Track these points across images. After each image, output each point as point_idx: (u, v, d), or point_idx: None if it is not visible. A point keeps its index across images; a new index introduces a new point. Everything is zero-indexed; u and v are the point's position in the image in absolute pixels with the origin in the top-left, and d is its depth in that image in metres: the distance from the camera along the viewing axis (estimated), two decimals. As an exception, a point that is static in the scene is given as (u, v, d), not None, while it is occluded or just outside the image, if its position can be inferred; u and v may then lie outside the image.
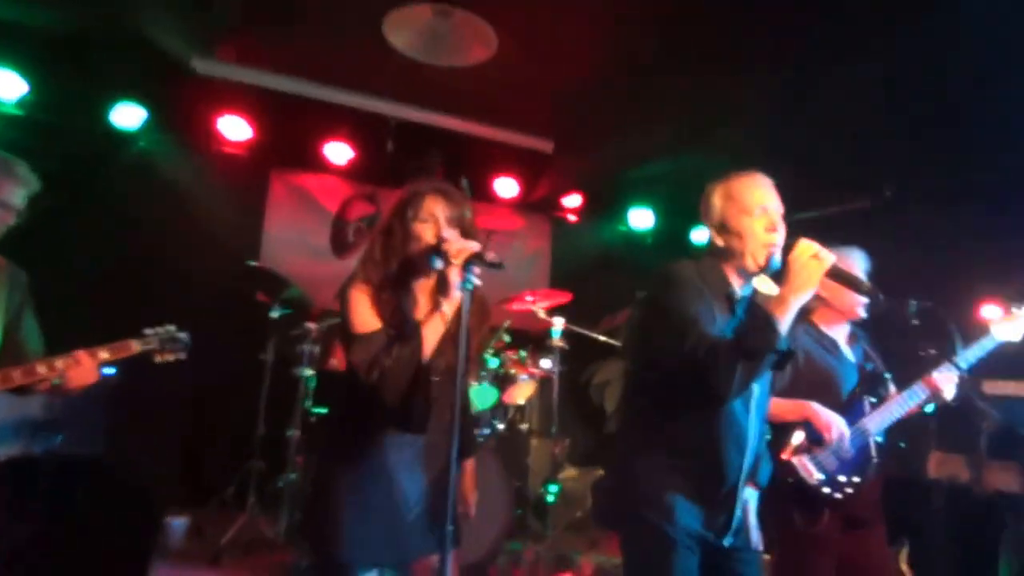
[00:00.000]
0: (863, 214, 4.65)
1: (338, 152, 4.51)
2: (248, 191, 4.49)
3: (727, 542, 1.75)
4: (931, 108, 3.62)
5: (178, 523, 3.20)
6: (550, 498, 3.79)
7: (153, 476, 3.61)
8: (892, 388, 2.53)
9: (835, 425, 2.27)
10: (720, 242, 1.82)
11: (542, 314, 3.90)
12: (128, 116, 3.97)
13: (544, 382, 3.97)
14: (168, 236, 4.11)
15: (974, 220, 3.91)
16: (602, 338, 4.01)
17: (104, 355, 2.02)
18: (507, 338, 3.75)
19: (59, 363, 1.96)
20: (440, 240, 1.71)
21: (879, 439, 2.43)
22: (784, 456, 2.31)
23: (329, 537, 1.67)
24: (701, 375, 1.62)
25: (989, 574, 2.39)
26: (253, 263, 3.70)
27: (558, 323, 3.83)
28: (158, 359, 2.14)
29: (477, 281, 1.62)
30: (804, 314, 2.65)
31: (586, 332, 4.00)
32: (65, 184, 3.73)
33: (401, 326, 1.70)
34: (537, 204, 5.28)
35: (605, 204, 5.40)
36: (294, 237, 4.57)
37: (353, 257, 4.56)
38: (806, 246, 1.68)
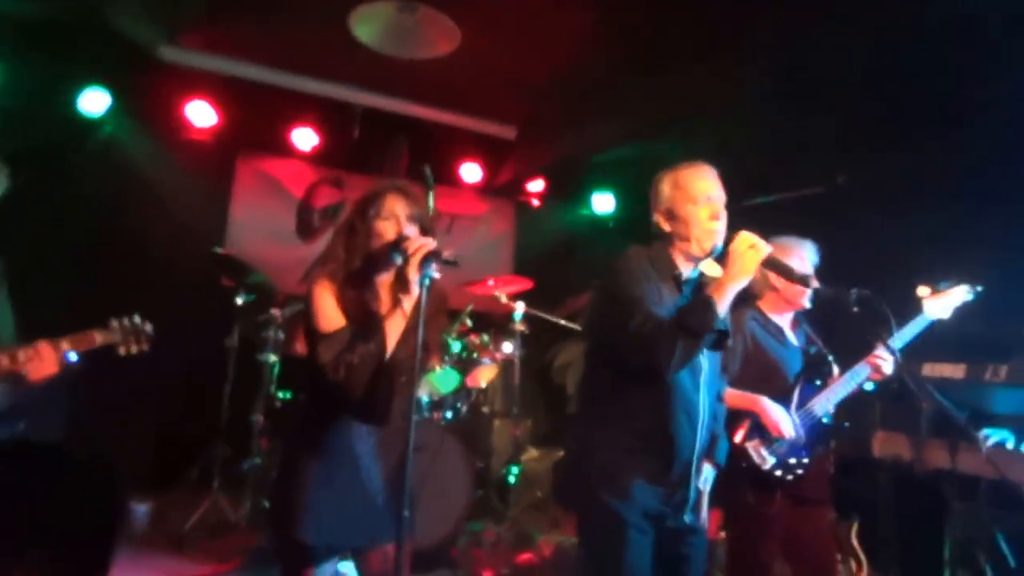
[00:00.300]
0: (816, 200, 4.79)
1: (304, 138, 4.53)
2: (214, 177, 4.50)
3: (687, 518, 1.86)
4: (883, 98, 3.75)
5: (142, 508, 3.25)
6: (512, 479, 3.92)
7: (117, 461, 3.65)
8: (835, 370, 2.67)
9: (783, 423, 2.41)
10: (668, 228, 1.93)
11: (504, 299, 3.99)
12: (94, 102, 3.96)
13: (506, 365, 4.07)
14: (134, 222, 4.12)
15: (925, 207, 4.07)
16: (562, 322, 4.11)
17: (66, 346, 2.02)
18: (469, 322, 3.83)
19: (21, 355, 1.97)
20: (401, 238, 1.78)
21: (826, 420, 2.56)
22: (737, 441, 2.44)
23: (293, 521, 1.72)
24: (646, 350, 1.74)
25: (933, 548, 2.55)
26: (218, 249, 3.72)
27: (519, 307, 3.94)
28: (122, 351, 2.14)
29: (436, 275, 1.69)
30: (752, 301, 2.80)
31: (546, 316, 4.10)
32: (32, 170, 3.73)
33: (364, 321, 1.76)
34: (501, 189, 5.35)
35: (568, 189, 5.48)
36: (260, 222, 4.59)
37: (319, 242, 4.60)
38: (744, 237, 1.82)
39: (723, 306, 1.77)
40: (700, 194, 1.90)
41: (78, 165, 3.97)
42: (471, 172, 5.09)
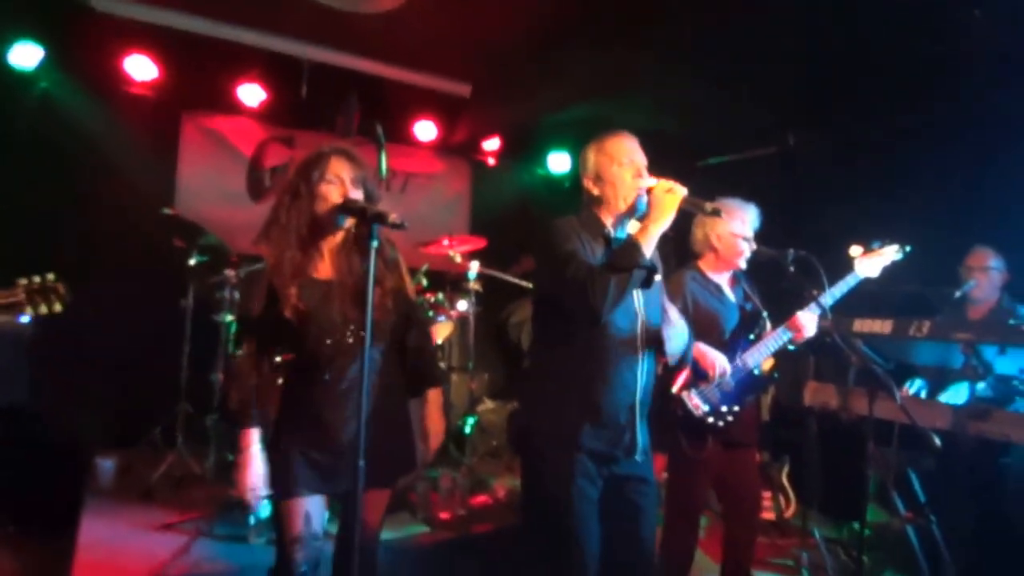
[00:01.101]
0: (768, 161, 4.95)
1: (251, 94, 4.41)
2: (159, 135, 4.36)
3: (639, 458, 1.99)
4: (835, 61, 3.85)
5: (107, 463, 3.30)
6: (468, 429, 4.08)
7: (81, 420, 3.68)
8: (768, 326, 2.86)
9: (718, 363, 2.58)
10: (596, 191, 2.08)
11: (458, 258, 4.07)
12: (25, 56, 3.77)
13: (462, 322, 4.18)
14: (79, 183, 4.00)
15: (870, 169, 4.26)
16: (517, 280, 4.22)
17: None
18: (425, 281, 3.90)
19: None
20: (346, 201, 1.81)
21: (756, 372, 2.76)
22: (674, 391, 2.62)
23: (276, 478, 1.79)
24: (582, 292, 1.86)
25: (856, 485, 2.81)
26: (167, 210, 3.68)
27: (474, 266, 4.02)
28: (28, 312, 1.91)
29: (387, 238, 1.75)
30: (693, 261, 2.95)
31: (500, 274, 4.20)
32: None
33: (286, 295, 1.79)
34: (457, 148, 5.33)
35: (524, 148, 5.51)
36: (209, 182, 4.50)
37: (270, 202, 4.56)
38: (662, 183, 2.00)
39: (648, 246, 1.93)
40: (623, 156, 2.06)
41: (13, 123, 3.81)
42: (426, 130, 5.05)
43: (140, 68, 4.11)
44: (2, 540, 3.03)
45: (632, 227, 2.14)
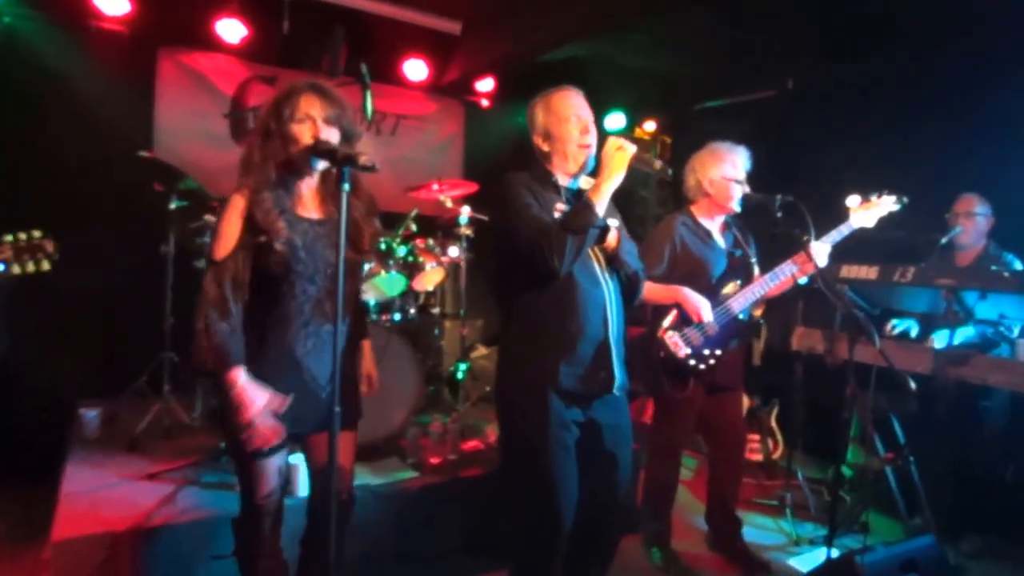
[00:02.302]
0: (766, 105, 4.82)
1: (230, 30, 4.20)
2: (134, 74, 4.16)
3: (617, 391, 2.04)
4: (836, 8, 3.71)
5: (92, 413, 3.27)
6: (460, 375, 4.10)
7: (61, 371, 3.66)
8: (756, 271, 2.87)
9: (702, 308, 2.62)
10: (546, 148, 2.11)
11: (449, 203, 3.99)
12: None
13: (453, 268, 4.15)
14: (49, 126, 3.83)
15: (870, 114, 4.17)
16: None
17: None
18: (414, 227, 3.83)
19: None
20: (315, 143, 1.75)
21: (742, 317, 2.79)
22: (658, 334, 2.67)
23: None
24: (538, 252, 1.89)
25: (839, 429, 2.90)
26: (144, 153, 3.56)
27: (465, 211, 3.95)
28: (16, 270, 1.84)
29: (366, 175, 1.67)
30: (686, 206, 2.93)
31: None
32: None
33: (276, 229, 1.74)
34: (449, 88, 5.15)
35: (520, 89, 5.32)
36: (189, 123, 4.34)
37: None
38: (612, 141, 2.00)
39: (601, 205, 1.96)
40: (570, 114, 2.07)
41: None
42: (416, 69, 4.87)
43: (110, 2, 3.90)
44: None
45: (584, 182, 2.18)
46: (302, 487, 2.65)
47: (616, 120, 5.61)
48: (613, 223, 2.09)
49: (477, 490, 2.99)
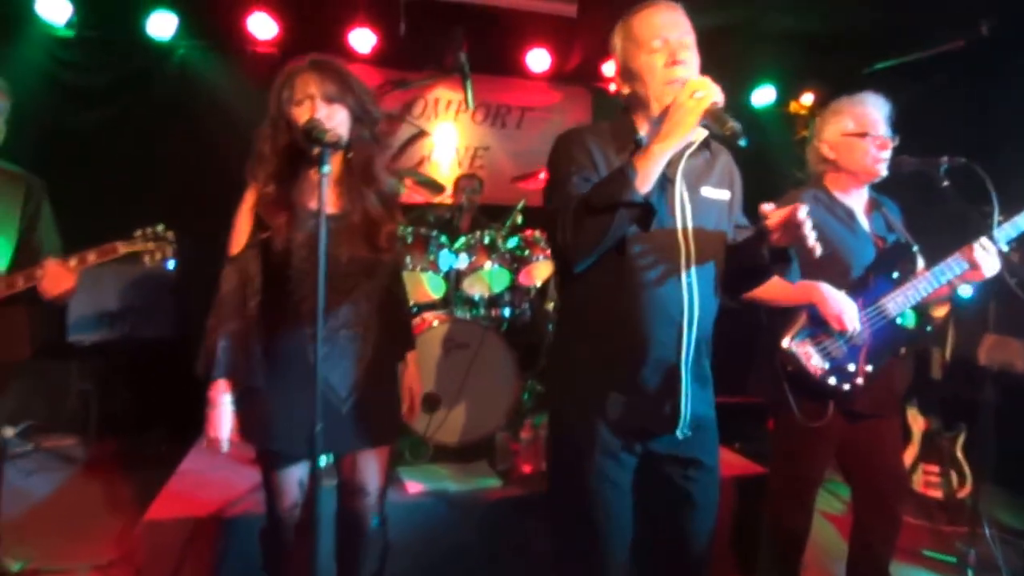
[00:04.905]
0: (955, 57, 3.87)
1: (362, 39, 4.46)
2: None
3: (680, 435, 1.58)
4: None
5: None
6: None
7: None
8: (920, 262, 2.23)
9: (844, 312, 2.03)
10: (626, 90, 1.64)
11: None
12: (162, 25, 4.14)
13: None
14: (221, 146, 4.33)
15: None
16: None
17: (75, 262, 2.13)
18: (520, 219, 3.70)
19: (37, 272, 2.10)
20: (308, 123, 1.57)
21: (903, 321, 2.16)
22: (784, 344, 2.11)
23: (259, 432, 1.73)
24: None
25: None
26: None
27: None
28: (147, 260, 2.19)
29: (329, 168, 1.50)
30: (818, 180, 2.36)
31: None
32: (115, 96, 4.08)
33: (276, 225, 1.66)
34: (573, 75, 4.95)
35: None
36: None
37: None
38: (691, 82, 1.45)
39: (645, 174, 1.41)
40: (652, 38, 1.53)
41: (156, 88, 4.25)
42: (539, 59, 4.75)
43: (262, 26, 4.33)
44: (152, 459, 3.51)
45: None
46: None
47: (765, 94, 4.93)
48: (715, 195, 1.60)
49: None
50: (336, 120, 1.67)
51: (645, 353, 1.53)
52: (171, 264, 2.41)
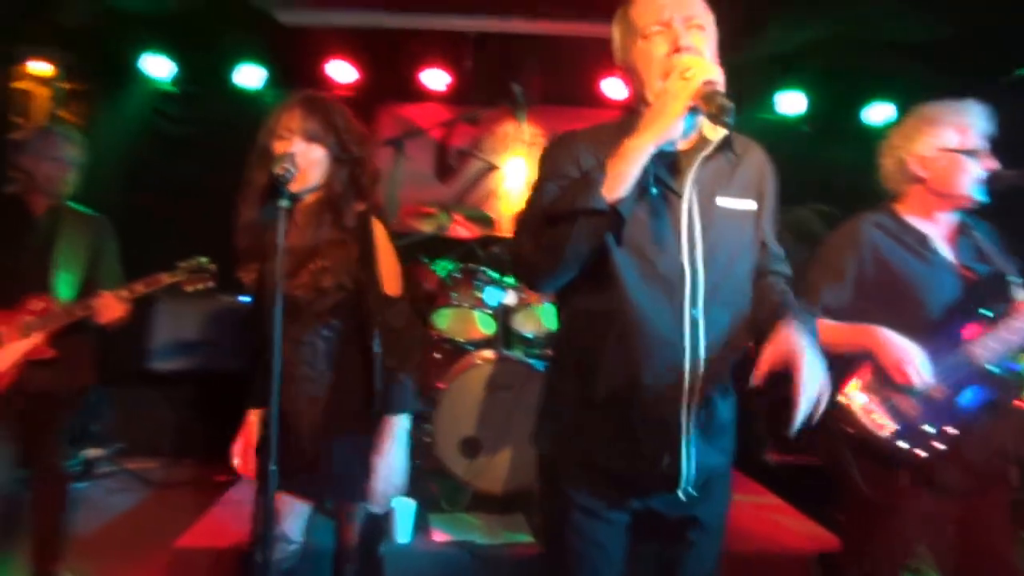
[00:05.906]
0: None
1: (435, 78, 4.52)
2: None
3: (682, 493, 1.34)
4: None
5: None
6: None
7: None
8: (1022, 296, 1.81)
9: (906, 360, 1.69)
10: (630, 89, 1.45)
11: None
12: (250, 77, 4.43)
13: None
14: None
15: None
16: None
17: (125, 293, 2.38)
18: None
19: (93, 303, 2.36)
20: (274, 173, 1.55)
21: (995, 371, 1.74)
22: (840, 398, 1.77)
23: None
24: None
25: None
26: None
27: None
28: (188, 288, 2.42)
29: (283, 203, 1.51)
30: (887, 202, 2.00)
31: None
32: (207, 143, 4.40)
33: (270, 251, 1.63)
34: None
35: (741, 89, 4.54)
36: (398, 165, 4.73)
37: (454, 181, 4.61)
38: (683, 60, 1.25)
39: (616, 176, 1.21)
40: (650, 21, 1.33)
41: (247, 138, 4.53)
42: (615, 87, 4.53)
43: (341, 72, 4.51)
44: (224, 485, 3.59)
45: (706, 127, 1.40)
46: (402, 532, 2.56)
47: (883, 111, 4.34)
48: (736, 205, 1.35)
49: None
50: (311, 158, 1.69)
51: (633, 400, 1.31)
52: (246, 298, 2.54)
